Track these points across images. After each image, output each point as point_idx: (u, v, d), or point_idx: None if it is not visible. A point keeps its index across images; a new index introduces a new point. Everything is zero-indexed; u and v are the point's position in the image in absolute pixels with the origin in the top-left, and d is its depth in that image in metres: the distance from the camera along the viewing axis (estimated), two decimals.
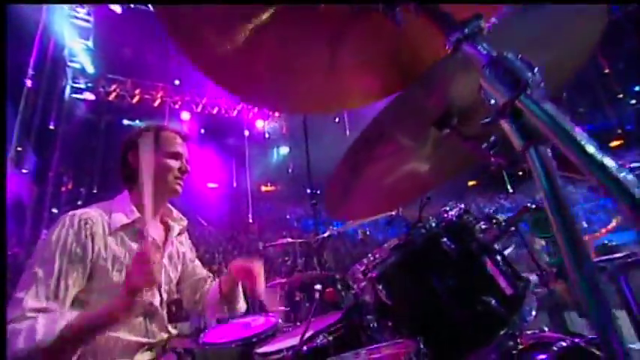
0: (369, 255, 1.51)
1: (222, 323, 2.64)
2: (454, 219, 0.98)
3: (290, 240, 2.87)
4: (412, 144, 0.92)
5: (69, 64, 8.86)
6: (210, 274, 1.67)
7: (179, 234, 1.52)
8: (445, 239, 0.91)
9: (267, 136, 14.35)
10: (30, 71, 7.79)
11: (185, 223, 1.55)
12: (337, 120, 13.42)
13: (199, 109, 12.70)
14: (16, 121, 7.95)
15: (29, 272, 1.05)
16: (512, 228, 0.91)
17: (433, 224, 0.94)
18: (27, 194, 8.30)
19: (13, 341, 0.91)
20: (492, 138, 0.72)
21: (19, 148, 8.81)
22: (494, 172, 0.73)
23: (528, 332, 1.08)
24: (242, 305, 1.62)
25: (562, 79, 0.89)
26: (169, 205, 1.50)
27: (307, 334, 1.36)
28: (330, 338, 1.19)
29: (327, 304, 3.13)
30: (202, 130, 12.51)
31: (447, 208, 1.03)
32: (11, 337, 0.92)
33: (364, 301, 1.10)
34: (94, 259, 1.15)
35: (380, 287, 0.93)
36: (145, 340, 1.23)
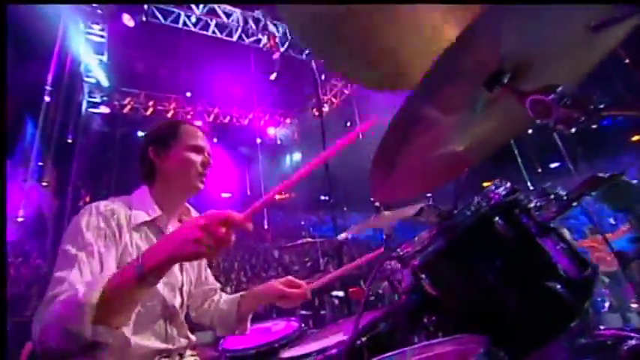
0: (398, 249, 1.39)
1: None
2: (503, 197, 0.87)
3: (310, 240, 2.77)
4: (455, 114, 0.81)
5: (85, 79, 9.11)
6: (218, 286, 1.60)
7: None
8: (498, 219, 0.79)
9: (279, 142, 14.35)
10: (48, 87, 8.02)
11: None
12: (349, 124, 13.31)
13: (211, 119, 12.85)
14: (36, 135, 8.19)
15: (67, 255, 0.96)
16: (575, 203, 0.78)
17: (483, 204, 0.83)
18: (48, 207, 8.48)
19: (57, 310, 0.82)
20: (559, 89, 0.60)
21: (40, 163, 9.08)
22: (565, 130, 0.61)
23: None
24: (248, 326, 1.59)
25: (583, 73, 0.80)
26: (186, 204, 1.43)
27: (342, 337, 1.25)
28: (364, 339, 1.08)
29: (352, 304, 3.01)
30: (215, 139, 12.63)
31: (493, 187, 0.91)
32: (56, 309, 0.83)
33: (406, 296, 0.99)
34: (122, 250, 1.08)
35: (423, 276, 0.82)
36: (163, 346, 1.15)
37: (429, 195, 1.44)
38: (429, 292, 0.82)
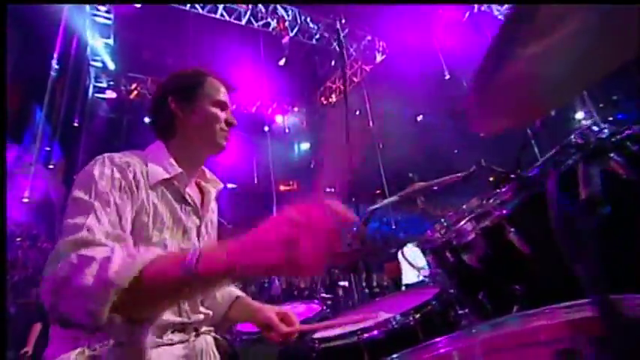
0: (451, 214, 1.23)
1: None
2: (609, 135, 0.68)
3: None
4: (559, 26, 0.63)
5: (91, 62, 8.98)
6: None
7: (215, 198, 1.32)
8: (613, 155, 0.61)
9: (287, 131, 14.14)
10: (54, 70, 7.91)
11: (221, 186, 1.34)
12: (358, 112, 13.03)
13: None
14: (41, 119, 8.12)
15: (80, 203, 0.82)
16: None
17: (591, 139, 0.64)
18: (55, 192, 8.48)
19: (79, 273, 0.66)
20: None
21: (47, 148, 9.03)
22: None
23: None
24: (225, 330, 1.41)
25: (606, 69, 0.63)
26: (204, 167, 1.30)
27: (385, 316, 1.09)
28: (417, 316, 0.92)
29: (388, 281, 2.88)
30: None
31: (590, 123, 0.74)
32: (78, 267, 0.67)
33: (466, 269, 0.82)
34: (138, 208, 0.94)
35: (512, 230, 0.64)
36: (178, 319, 1.02)
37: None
38: (520, 250, 0.64)
